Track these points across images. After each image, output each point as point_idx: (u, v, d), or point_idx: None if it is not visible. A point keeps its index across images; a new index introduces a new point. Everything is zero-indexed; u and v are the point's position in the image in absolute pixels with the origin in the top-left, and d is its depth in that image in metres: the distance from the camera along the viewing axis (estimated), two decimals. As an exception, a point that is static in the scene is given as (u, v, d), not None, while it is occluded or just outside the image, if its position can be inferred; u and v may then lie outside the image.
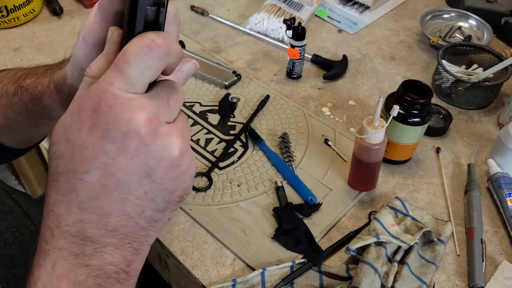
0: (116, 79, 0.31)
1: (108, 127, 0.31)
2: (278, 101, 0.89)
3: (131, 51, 0.31)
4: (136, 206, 0.33)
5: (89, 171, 0.31)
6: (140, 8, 0.32)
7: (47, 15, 1.10)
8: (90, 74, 0.34)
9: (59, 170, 0.32)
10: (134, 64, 0.31)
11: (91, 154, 0.31)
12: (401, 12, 1.15)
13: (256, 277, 0.62)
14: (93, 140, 0.31)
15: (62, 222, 0.32)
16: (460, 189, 0.75)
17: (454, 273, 0.64)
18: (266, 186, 0.74)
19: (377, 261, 0.61)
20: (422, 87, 0.71)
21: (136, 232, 0.34)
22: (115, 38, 0.34)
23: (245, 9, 1.14)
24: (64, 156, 0.32)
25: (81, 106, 0.32)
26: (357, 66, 0.98)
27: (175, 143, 0.32)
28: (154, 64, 0.32)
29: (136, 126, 0.31)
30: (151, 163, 0.32)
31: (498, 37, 1.06)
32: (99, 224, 0.32)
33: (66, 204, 0.32)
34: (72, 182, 0.32)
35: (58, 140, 0.32)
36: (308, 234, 0.67)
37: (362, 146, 0.66)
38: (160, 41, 0.31)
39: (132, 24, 0.33)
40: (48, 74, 0.50)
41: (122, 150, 0.31)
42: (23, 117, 0.54)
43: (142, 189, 0.32)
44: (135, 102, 0.31)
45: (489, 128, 0.86)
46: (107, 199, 0.32)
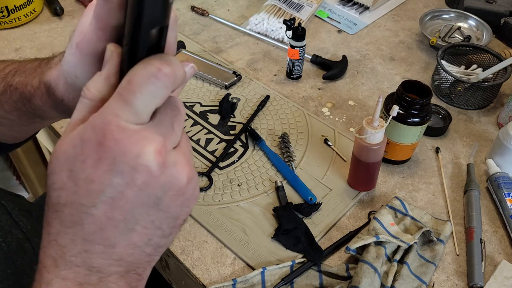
0: (122, 110, 0.30)
1: (116, 162, 0.30)
2: (278, 101, 0.89)
3: (137, 81, 0.30)
4: (143, 235, 0.32)
5: (96, 205, 0.31)
6: (144, 31, 0.30)
7: (48, 15, 1.10)
8: (89, 96, 0.32)
9: (61, 201, 0.31)
10: (140, 95, 0.30)
11: (97, 188, 0.30)
12: (401, 12, 1.15)
13: (256, 277, 0.63)
14: (99, 174, 0.30)
15: (67, 253, 0.32)
16: (459, 189, 0.75)
17: (454, 273, 0.65)
18: (266, 186, 0.75)
19: (376, 261, 0.61)
20: (421, 87, 0.71)
21: (141, 259, 0.33)
22: (115, 59, 0.33)
23: (245, 9, 1.14)
24: (66, 188, 0.31)
25: (85, 138, 0.30)
26: (357, 66, 0.99)
27: (183, 172, 0.32)
28: (160, 93, 0.31)
29: (145, 160, 0.30)
30: (159, 194, 0.31)
31: (498, 38, 1.06)
32: (105, 254, 0.32)
33: (71, 236, 0.31)
34: (77, 215, 0.31)
35: (59, 170, 0.31)
36: (308, 233, 0.67)
37: (362, 146, 0.67)
38: (167, 70, 0.30)
39: (134, 48, 0.31)
40: (38, 73, 0.48)
41: (130, 184, 0.30)
42: (14, 116, 0.52)
43: (149, 218, 0.32)
44: (142, 134, 0.30)
45: (489, 128, 0.86)
46: (113, 231, 0.31)
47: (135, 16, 0.30)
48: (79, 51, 0.38)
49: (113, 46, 0.33)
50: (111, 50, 0.33)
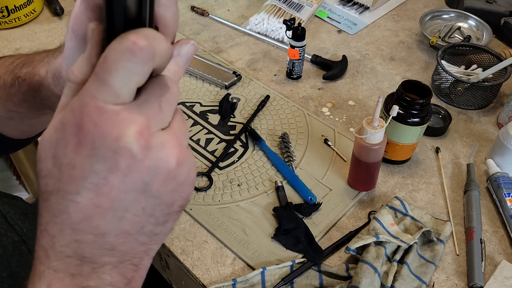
0: (98, 91, 0.28)
1: (96, 146, 0.28)
2: (278, 101, 0.89)
3: (111, 57, 0.27)
4: (135, 223, 0.31)
5: (80, 192, 0.29)
6: (117, 3, 0.28)
7: (48, 15, 1.10)
8: (72, 79, 0.31)
9: (48, 189, 0.30)
10: (116, 72, 0.27)
11: (80, 174, 0.29)
12: (401, 12, 1.15)
13: (256, 277, 0.63)
14: (80, 160, 0.28)
15: (57, 243, 0.30)
16: (459, 189, 0.75)
17: (454, 273, 0.65)
18: (266, 186, 0.75)
19: (376, 261, 0.61)
20: (421, 87, 0.71)
21: (135, 248, 0.32)
22: (96, 37, 0.30)
23: (245, 9, 1.14)
24: (52, 175, 0.30)
25: (64, 122, 0.29)
26: (357, 66, 0.99)
27: (170, 154, 0.30)
28: (138, 69, 0.28)
29: (126, 143, 0.28)
30: (146, 179, 0.30)
31: (497, 38, 1.06)
32: (96, 244, 0.30)
33: (59, 225, 0.30)
34: (63, 203, 0.29)
35: (45, 157, 0.30)
36: (308, 233, 0.67)
37: (362, 146, 0.67)
38: (143, 42, 0.27)
39: (110, 22, 0.29)
40: (45, 63, 0.46)
41: (113, 169, 0.29)
42: (24, 108, 0.51)
43: (139, 205, 0.30)
44: (122, 115, 0.28)
45: (488, 128, 0.86)
46: (102, 219, 0.30)
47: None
48: (74, 34, 0.36)
49: (93, 25, 0.31)
50: (91, 28, 0.31)
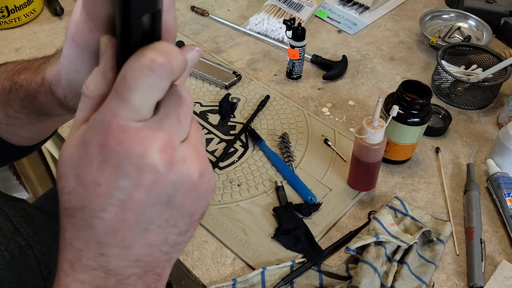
0: (120, 109, 0.28)
1: (120, 163, 0.29)
2: (278, 101, 0.89)
3: (130, 75, 0.28)
4: (159, 234, 0.32)
5: (105, 209, 0.30)
6: (134, 19, 0.28)
7: (48, 15, 1.10)
8: (88, 94, 0.31)
9: (72, 206, 0.31)
10: (136, 90, 0.28)
11: (105, 191, 0.29)
12: (401, 12, 1.15)
13: (256, 277, 0.63)
14: (106, 177, 0.29)
15: (83, 256, 0.31)
16: (459, 189, 0.75)
17: (454, 273, 0.65)
18: (266, 186, 0.75)
19: (376, 261, 0.61)
20: (421, 87, 0.71)
21: (159, 258, 0.33)
22: (110, 52, 0.31)
23: (245, 9, 1.14)
24: (75, 192, 0.30)
25: (87, 141, 0.29)
26: (357, 66, 0.99)
27: (192, 167, 0.30)
28: (158, 85, 0.29)
29: (150, 160, 0.29)
30: (170, 192, 0.30)
31: (497, 38, 1.06)
32: (121, 256, 0.31)
33: (85, 240, 0.31)
34: (88, 219, 0.30)
35: (67, 174, 0.30)
36: (308, 233, 0.67)
37: (362, 146, 0.67)
38: (161, 59, 0.28)
39: (126, 38, 0.29)
40: (42, 70, 0.46)
41: (138, 185, 0.29)
42: (23, 114, 0.51)
43: (163, 217, 0.31)
44: (145, 132, 0.29)
45: (488, 128, 0.86)
46: (127, 232, 0.31)
47: (122, 5, 0.28)
48: (75, 43, 0.36)
49: (106, 39, 0.31)
50: (104, 43, 0.31)
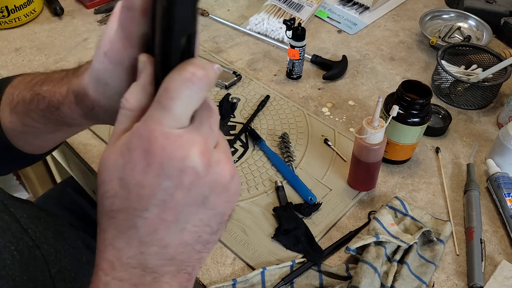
0: (163, 117, 0.31)
1: (164, 166, 0.31)
2: (278, 101, 0.89)
3: (173, 87, 0.31)
4: (193, 233, 0.34)
5: (148, 209, 0.32)
6: (175, 40, 0.32)
7: (47, 15, 1.10)
8: (128, 107, 0.34)
9: (115, 208, 0.33)
10: (178, 100, 0.31)
11: (148, 193, 0.32)
12: (401, 12, 1.15)
13: (256, 277, 0.63)
14: (149, 179, 0.31)
15: (123, 255, 0.33)
16: (459, 189, 0.75)
17: (454, 273, 0.65)
18: (266, 186, 0.75)
19: (376, 261, 0.61)
20: (421, 87, 0.71)
21: (192, 257, 0.35)
22: (149, 69, 0.34)
23: (245, 9, 1.14)
24: (119, 195, 0.33)
25: (132, 147, 0.32)
26: (357, 66, 0.99)
27: (225, 169, 0.33)
28: (197, 96, 0.32)
29: (191, 162, 0.31)
30: (206, 193, 0.33)
31: (497, 38, 1.06)
32: (159, 254, 0.33)
33: (126, 239, 0.33)
34: (131, 219, 0.33)
35: (110, 179, 0.33)
36: (308, 233, 0.67)
37: (362, 146, 0.67)
38: (200, 73, 0.31)
39: (167, 56, 0.32)
40: (66, 82, 0.48)
41: (179, 185, 0.32)
42: (41, 124, 0.53)
43: (198, 217, 0.34)
44: (185, 138, 0.32)
45: (488, 128, 0.86)
46: (166, 231, 0.33)
47: (166, 27, 0.31)
48: (108, 59, 0.39)
49: (145, 57, 0.34)
50: (143, 60, 0.34)
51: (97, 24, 1.07)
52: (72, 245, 0.61)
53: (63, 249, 0.57)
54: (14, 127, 0.55)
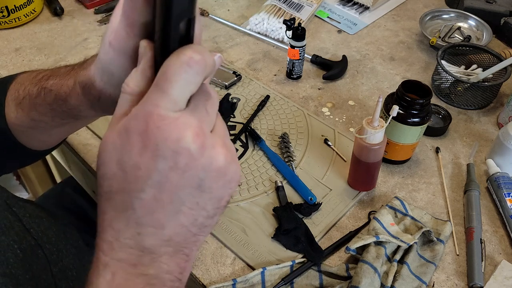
0: (160, 100, 0.32)
1: (159, 147, 0.32)
2: (278, 101, 0.89)
3: (171, 71, 0.32)
4: (189, 215, 0.34)
5: (144, 190, 0.33)
6: (174, 24, 0.32)
7: (47, 15, 1.10)
8: (129, 91, 0.35)
9: (113, 190, 0.34)
10: (175, 83, 0.32)
11: (145, 174, 0.32)
12: (401, 12, 1.15)
13: (256, 277, 0.63)
14: (145, 161, 0.32)
15: (121, 236, 0.34)
16: (459, 189, 0.75)
17: (454, 273, 0.65)
18: (266, 186, 0.75)
19: (376, 261, 0.61)
20: (421, 87, 0.71)
21: (188, 239, 0.35)
22: (149, 54, 0.35)
23: (245, 9, 1.14)
24: (117, 177, 0.33)
25: (129, 128, 0.32)
26: (357, 66, 0.99)
27: (220, 153, 0.34)
28: (194, 80, 0.33)
29: (185, 143, 0.32)
30: (201, 175, 0.33)
31: (497, 38, 1.06)
32: (155, 235, 0.34)
33: (124, 220, 0.34)
34: (128, 201, 0.33)
35: (109, 161, 0.33)
36: (308, 233, 0.67)
37: (362, 146, 0.67)
38: (198, 57, 0.32)
39: (165, 41, 0.33)
40: (72, 75, 0.49)
41: (173, 167, 0.32)
42: (48, 117, 0.53)
43: (193, 199, 0.34)
44: (181, 120, 0.32)
45: (489, 128, 0.86)
46: (162, 213, 0.33)
47: (165, 11, 0.32)
48: (112, 49, 0.39)
49: (145, 42, 0.35)
50: (144, 46, 0.35)
51: (97, 24, 1.07)
52: (74, 244, 0.61)
53: (65, 248, 0.57)
54: (20, 122, 0.55)
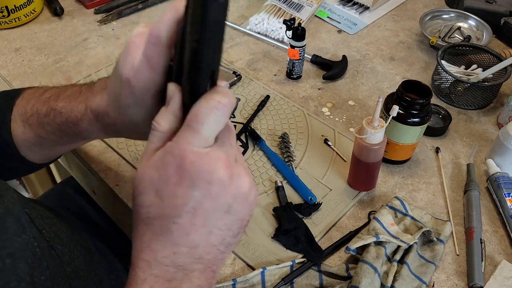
0: (192, 138, 0.37)
1: (194, 179, 0.37)
2: (278, 101, 0.89)
3: (202, 113, 0.37)
4: (218, 236, 0.39)
5: (181, 215, 0.37)
6: (203, 75, 0.37)
7: (47, 15, 1.10)
8: (160, 129, 0.39)
9: (150, 216, 0.38)
10: (206, 124, 0.37)
11: (181, 202, 0.37)
12: (401, 12, 1.15)
13: (256, 277, 0.63)
14: (181, 190, 0.37)
15: (159, 255, 0.38)
16: (459, 189, 0.75)
17: (454, 273, 0.65)
18: (266, 186, 0.75)
19: (376, 261, 0.61)
20: (421, 87, 0.71)
21: (216, 256, 0.40)
22: (178, 96, 0.39)
23: (245, 9, 1.14)
24: (155, 205, 0.38)
25: (166, 163, 0.37)
26: (357, 66, 0.99)
27: (245, 181, 0.40)
28: (222, 120, 0.38)
29: (217, 174, 0.37)
30: (229, 201, 0.39)
31: (497, 38, 1.06)
32: (189, 254, 0.39)
33: (161, 241, 0.38)
34: (166, 225, 0.38)
35: (147, 191, 0.38)
36: (308, 233, 0.67)
37: (362, 146, 0.67)
38: (225, 100, 0.37)
39: (195, 88, 0.38)
40: (82, 100, 0.52)
41: (207, 195, 0.37)
42: (55, 136, 0.56)
43: (222, 222, 0.39)
44: (211, 155, 0.37)
45: (489, 128, 0.86)
46: (196, 235, 0.38)
47: (195, 66, 0.37)
48: (131, 85, 0.43)
49: (173, 86, 0.40)
50: (172, 89, 0.39)
51: (97, 24, 1.07)
52: (84, 245, 0.62)
53: (76, 249, 0.57)
54: (26, 138, 0.58)
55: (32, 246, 0.48)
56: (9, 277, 0.42)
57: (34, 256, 0.47)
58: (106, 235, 0.83)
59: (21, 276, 0.44)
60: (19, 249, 0.45)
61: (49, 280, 0.48)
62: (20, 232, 0.47)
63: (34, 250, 0.48)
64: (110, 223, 0.86)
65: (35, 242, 0.49)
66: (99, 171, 0.75)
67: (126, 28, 1.07)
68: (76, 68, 0.94)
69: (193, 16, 0.36)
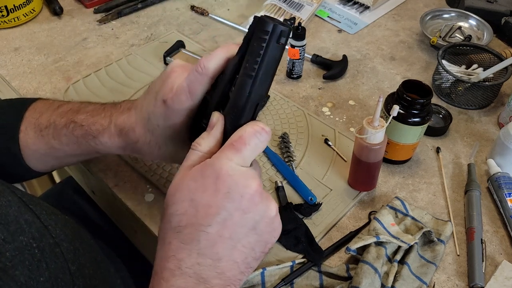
0: (233, 156, 0.41)
1: (229, 190, 0.40)
2: (278, 101, 0.89)
3: (246, 135, 0.42)
4: (242, 253, 0.41)
5: (212, 224, 0.40)
6: (250, 107, 0.43)
7: (47, 15, 1.10)
8: (200, 149, 0.43)
9: (182, 224, 0.40)
10: (248, 145, 0.41)
11: (214, 211, 0.40)
12: (401, 12, 1.15)
13: (256, 277, 0.62)
14: (216, 200, 0.40)
15: (183, 264, 0.40)
16: (460, 189, 0.75)
17: (454, 273, 0.64)
18: (266, 186, 0.74)
19: (377, 261, 0.61)
20: (422, 87, 0.71)
21: (236, 275, 0.41)
22: (221, 123, 0.44)
23: (245, 9, 1.14)
24: (188, 213, 0.40)
25: (205, 174, 0.40)
26: (357, 66, 0.98)
27: (273, 205, 0.43)
28: (261, 146, 0.42)
29: (250, 190, 0.41)
30: (256, 218, 0.41)
31: (498, 37, 1.06)
32: (212, 267, 0.40)
33: (188, 251, 0.40)
34: (195, 233, 0.40)
35: (182, 200, 0.41)
36: (308, 234, 0.67)
37: (362, 146, 0.67)
38: (268, 129, 0.43)
39: (240, 116, 0.44)
40: (107, 115, 0.55)
41: (238, 208, 0.40)
42: (69, 148, 0.58)
43: (247, 239, 0.41)
44: (248, 173, 0.41)
45: (489, 128, 0.86)
46: (221, 247, 0.40)
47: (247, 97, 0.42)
48: (167, 106, 0.47)
49: (218, 114, 0.45)
50: (217, 116, 0.45)
51: (97, 24, 1.07)
52: (88, 243, 0.62)
53: (81, 246, 0.57)
54: (37, 148, 0.59)
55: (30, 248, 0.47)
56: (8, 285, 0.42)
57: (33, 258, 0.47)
58: (106, 236, 0.82)
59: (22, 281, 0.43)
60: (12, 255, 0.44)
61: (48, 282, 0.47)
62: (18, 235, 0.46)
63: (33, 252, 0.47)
64: (110, 224, 0.86)
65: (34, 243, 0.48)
66: (98, 172, 0.75)
67: (125, 27, 1.07)
68: (76, 67, 0.94)
69: (254, 53, 0.40)
